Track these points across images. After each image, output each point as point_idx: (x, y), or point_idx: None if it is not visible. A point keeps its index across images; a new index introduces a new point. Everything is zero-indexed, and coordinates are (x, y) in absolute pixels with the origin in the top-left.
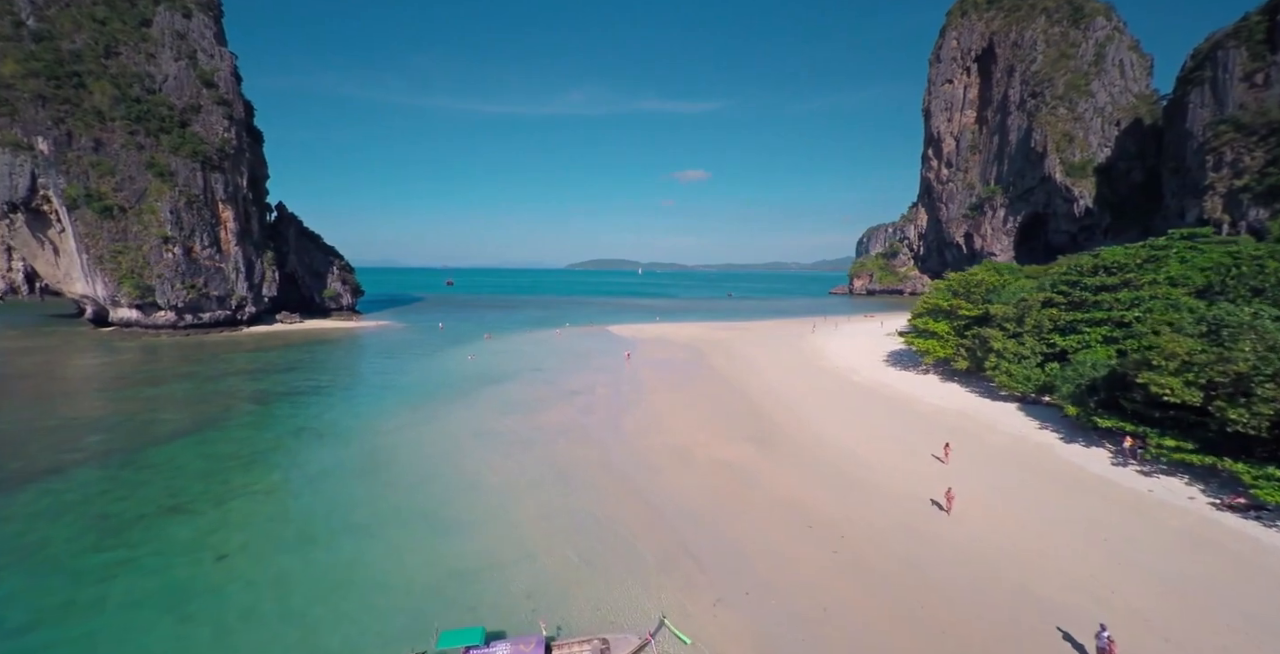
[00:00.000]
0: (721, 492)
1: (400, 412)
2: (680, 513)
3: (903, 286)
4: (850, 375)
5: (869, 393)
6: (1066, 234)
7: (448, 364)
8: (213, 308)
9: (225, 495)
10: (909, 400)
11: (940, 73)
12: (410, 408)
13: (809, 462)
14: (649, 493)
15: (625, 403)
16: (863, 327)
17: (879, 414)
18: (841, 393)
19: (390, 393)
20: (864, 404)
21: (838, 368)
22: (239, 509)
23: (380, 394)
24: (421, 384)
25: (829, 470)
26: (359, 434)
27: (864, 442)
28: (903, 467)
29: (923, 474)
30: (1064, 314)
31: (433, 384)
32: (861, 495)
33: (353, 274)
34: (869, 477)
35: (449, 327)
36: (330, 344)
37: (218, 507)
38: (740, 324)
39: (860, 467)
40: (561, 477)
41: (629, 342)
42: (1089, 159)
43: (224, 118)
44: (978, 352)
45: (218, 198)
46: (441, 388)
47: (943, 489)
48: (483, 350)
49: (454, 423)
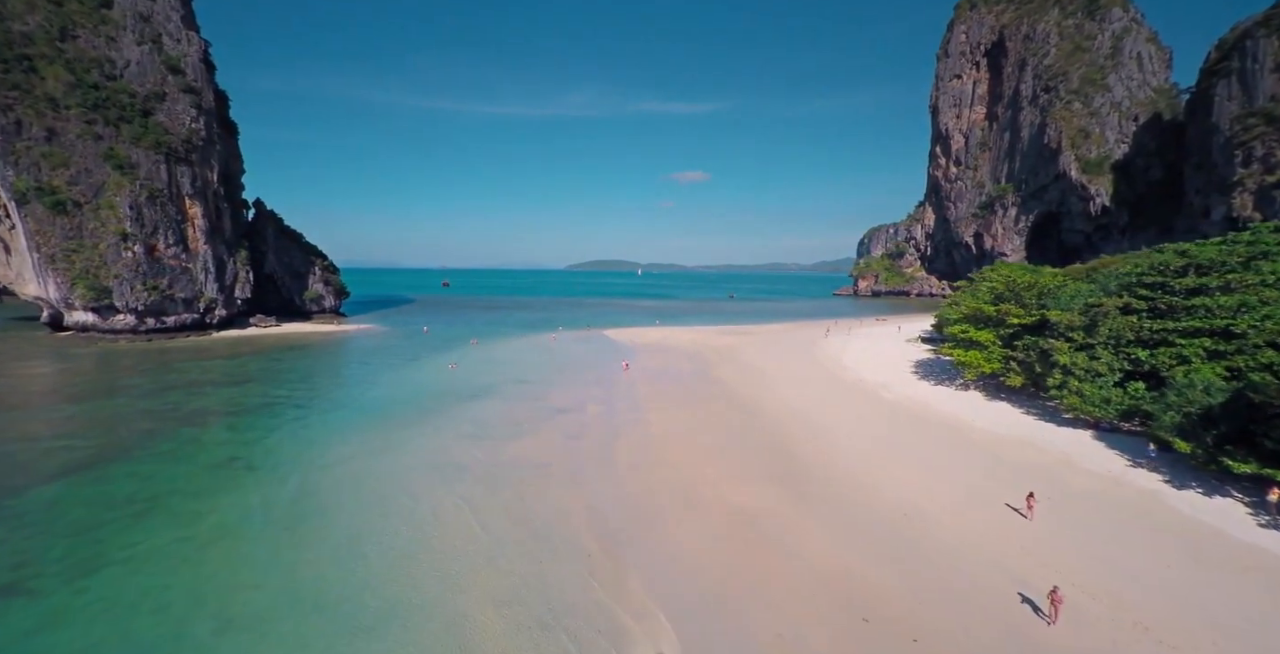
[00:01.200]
0: (741, 558)
1: (354, 436)
2: (691, 597)
3: (909, 288)
4: (879, 391)
5: (907, 415)
6: (1081, 234)
7: (424, 374)
8: (178, 311)
9: (88, 566)
10: (957, 425)
11: (948, 68)
12: (367, 431)
13: (850, 513)
14: (646, 561)
15: (620, 425)
16: (877, 331)
17: (924, 443)
18: (874, 414)
19: (350, 411)
20: (904, 429)
21: (863, 381)
22: (96, 590)
23: (339, 412)
24: (389, 399)
25: (879, 528)
26: (295, 468)
27: (915, 483)
28: (975, 523)
29: (1004, 536)
30: (1148, 322)
31: (401, 399)
32: (930, 570)
33: (337, 275)
34: (933, 539)
35: (435, 330)
36: (303, 350)
37: (69, 585)
38: (745, 328)
39: (918, 522)
40: (533, 535)
41: (626, 348)
42: (1105, 155)
43: (191, 107)
44: (1035, 366)
45: (184, 192)
46: (410, 404)
47: (1034, 562)
48: (466, 358)
49: (412, 453)
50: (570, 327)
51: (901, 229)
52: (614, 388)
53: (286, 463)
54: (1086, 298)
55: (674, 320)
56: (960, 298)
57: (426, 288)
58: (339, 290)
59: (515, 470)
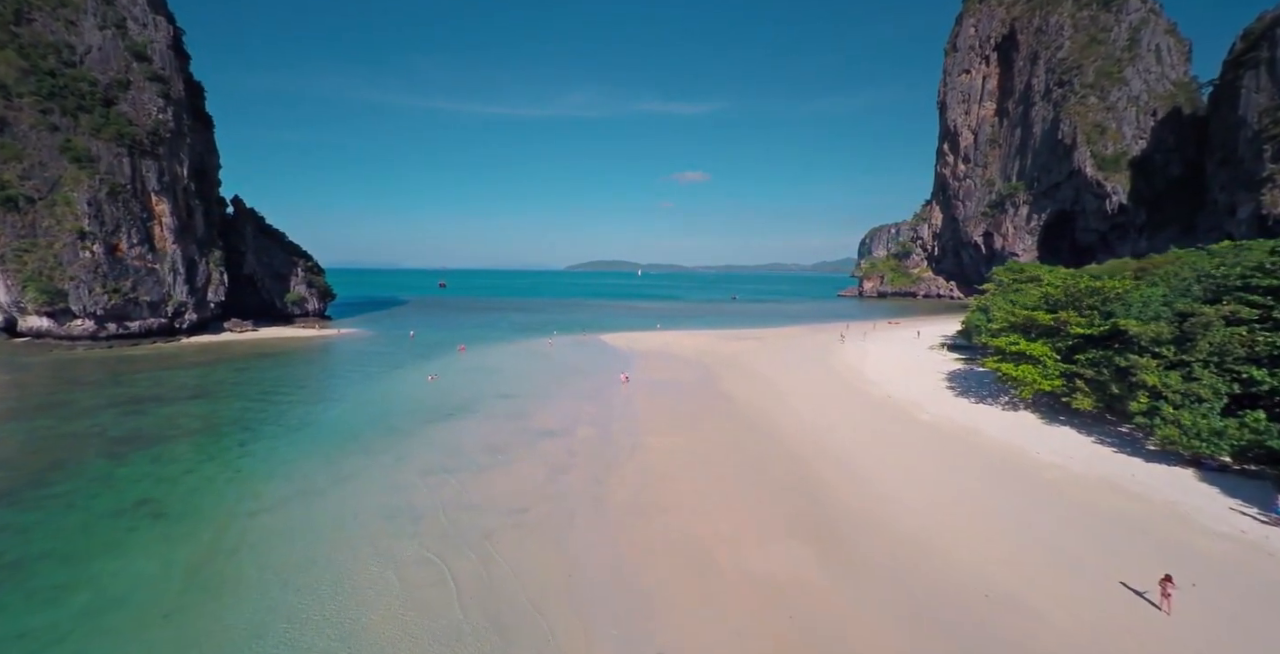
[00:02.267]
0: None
1: (299, 469)
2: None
3: (916, 289)
4: (914, 411)
5: (955, 443)
6: (1095, 233)
7: (400, 387)
8: (143, 315)
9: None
10: (1019, 458)
11: (956, 63)
12: (316, 462)
13: (912, 592)
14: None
15: (615, 453)
16: (894, 336)
17: (986, 485)
18: (914, 442)
19: (304, 435)
20: (957, 464)
21: (893, 398)
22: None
23: (290, 436)
24: (353, 419)
25: (959, 618)
26: (214, 516)
27: (991, 546)
28: (1091, 616)
29: (1142, 644)
30: (1265, 335)
31: (367, 419)
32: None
33: (321, 276)
34: (1042, 644)
35: (422, 335)
36: (275, 358)
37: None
38: (751, 332)
39: (1011, 612)
40: (496, 628)
41: (625, 355)
42: (1122, 152)
43: (158, 96)
44: (1111, 385)
45: (150, 188)
46: (376, 426)
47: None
48: (450, 367)
49: (361, 493)
50: (566, 330)
51: (906, 229)
52: (610, 404)
53: (206, 508)
54: (1165, 303)
55: (676, 323)
56: (992, 302)
57: (423, 289)
58: (324, 292)
59: (484, 517)
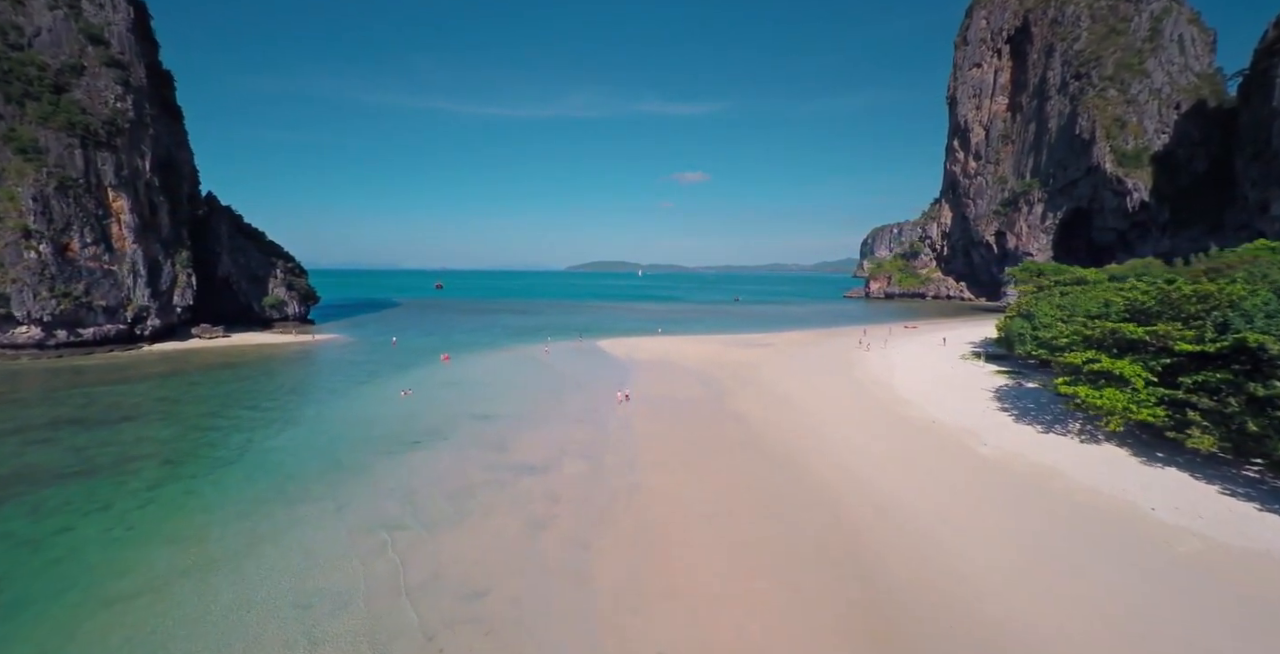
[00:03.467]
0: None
1: (207, 526)
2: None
3: (925, 290)
4: (971, 443)
5: (1035, 491)
6: (1114, 231)
7: (366, 405)
8: (98, 321)
9: None
10: (1137, 521)
11: (967, 56)
12: (233, 514)
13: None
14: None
15: (607, 499)
16: (916, 342)
17: (1102, 562)
18: (984, 489)
19: (232, 473)
20: (1048, 526)
21: (939, 424)
22: None
23: (216, 475)
24: (297, 450)
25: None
26: (59, 604)
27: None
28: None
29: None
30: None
31: (314, 450)
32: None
33: (303, 278)
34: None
35: (407, 341)
36: (236, 369)
37: None
38: (759, 337)
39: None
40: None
41: (623, 365)
42: (1144, 147)
43: (116, 83)
44: (1247, 422)
45: (106, 183)
46: (321, 459)
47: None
48: (429, 379)
49: (276, 567)
50: (562, 335)
51: (909, 228)
52: (605, 427)
53: (52, 593)
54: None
55: (678, 327)
56: (1036, 307)
57: (419, 290)
58: (306, 295)
59: (432, 607)
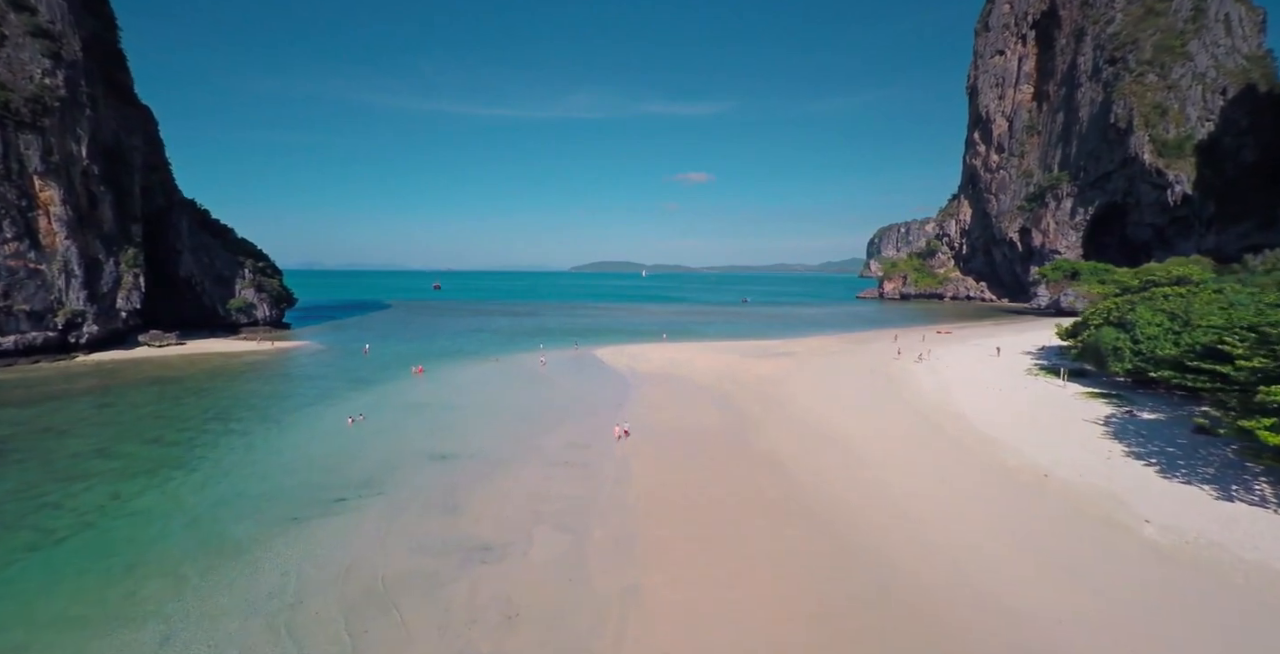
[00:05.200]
0: None
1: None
2: None
3: (943, 290)
4: (1126, 519)
5: (1273, 617)
6: (1151, 228)
7: (297, 439)
8: (20, 328)
9: None
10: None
11: (989, 43)
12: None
13: None
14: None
15: (588, 621)
16: (961, 351)
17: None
18: (1181, 609)
19: (59, 555)
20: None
21: (1057, 479)
22: None
23: (30, 561)
24: (162, 517)
25: None
26: None
27: None
28: None
29: None
30: None
31: (191, 515)
32: None
33: (277, 278)
34: None
35: (383, 349)
36: (165, 387)
37: None
38: (777, 345)
39: None
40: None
41: (624, 381)
42: (1186, 135)
43: (44, 56)
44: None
45: (31, 170)
46: (192, 533)
47: None
48: (389, 400)
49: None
50: (557, 341)
51: (917, 228)
52: (595, 477)
53: None
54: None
55: (685, 333)
56: (1136, 315)
57: (417, 291)
58: (278, 297)
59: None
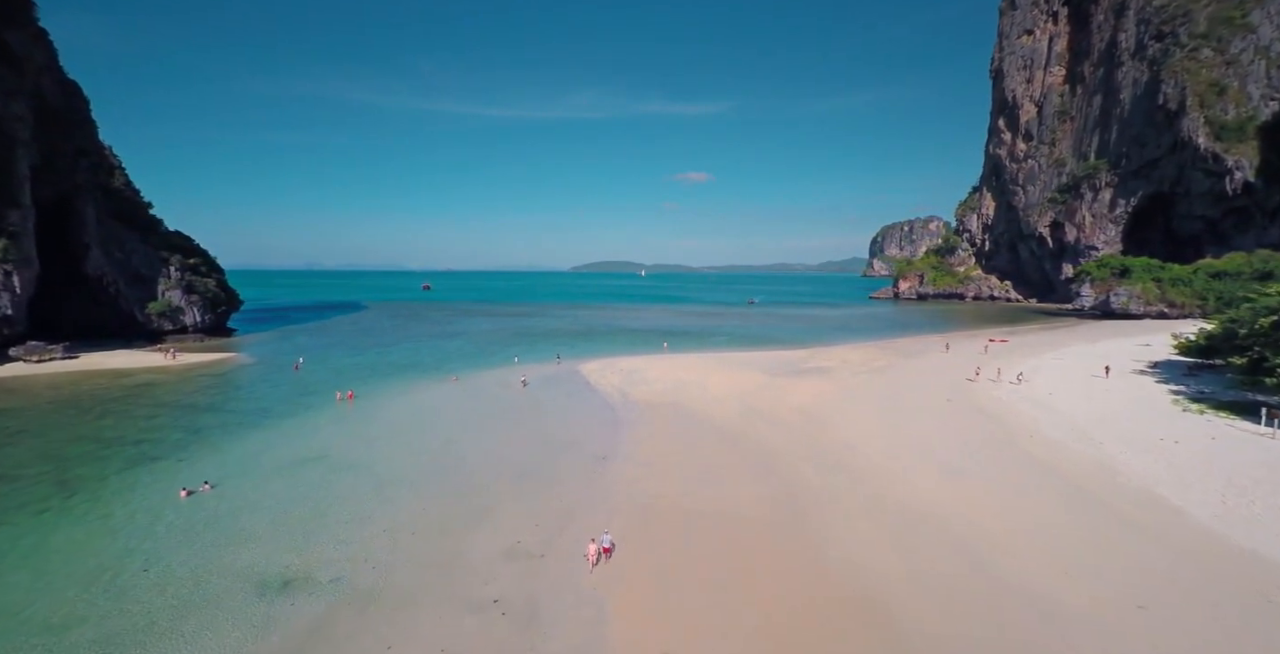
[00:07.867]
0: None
1: None
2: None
3: (963, 290)
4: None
5: None
6: (1202, 220)
7: (72, 533)
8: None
9: None
10: None
11: (1015, 22)
12: None
13: None
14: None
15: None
16: (1049, 366)
17: None
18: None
19: None
20: None
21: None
22: None
23: None
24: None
25: None
26: None
27: None
28: None
29: None
30: None
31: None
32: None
33: (213, 278)
34: None
35: (323, 362)
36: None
37: None
38: (806, 356)
39: None
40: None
41: (612, 416)
42: (1249, 116)
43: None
44: None
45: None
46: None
47: None
48: (273, 451)
49: None
50: (536, 353)
51: (920, 226)
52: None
53: None
54: None
55: (690, 342)
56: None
57: (405, 292)
58: (214, 300)
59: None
